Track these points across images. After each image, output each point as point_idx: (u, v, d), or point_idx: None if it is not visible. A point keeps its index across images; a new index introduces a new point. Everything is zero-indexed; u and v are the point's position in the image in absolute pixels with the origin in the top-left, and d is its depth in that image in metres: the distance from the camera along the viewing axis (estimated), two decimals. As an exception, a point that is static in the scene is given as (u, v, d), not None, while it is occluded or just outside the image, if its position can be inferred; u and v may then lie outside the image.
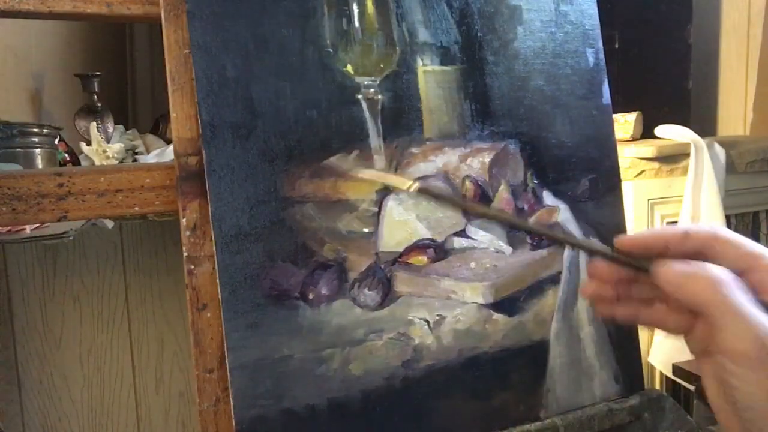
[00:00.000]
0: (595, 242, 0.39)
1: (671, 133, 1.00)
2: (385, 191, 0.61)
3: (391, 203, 0.61)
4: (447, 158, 0.64)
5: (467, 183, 0.65)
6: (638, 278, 0.38)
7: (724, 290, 0.32)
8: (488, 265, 0.65)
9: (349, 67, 0.60)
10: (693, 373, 0.82)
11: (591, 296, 0.39)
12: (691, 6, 1.22)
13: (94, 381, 0.98)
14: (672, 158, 0.97)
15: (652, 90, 1.17)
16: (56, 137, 1.04)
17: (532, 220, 0.68)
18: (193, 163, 0.56)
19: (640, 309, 0.38)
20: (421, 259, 0.62)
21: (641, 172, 0.95)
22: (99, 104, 1.23)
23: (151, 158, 1.10)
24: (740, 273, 0.34)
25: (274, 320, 0.56)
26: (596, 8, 0.74)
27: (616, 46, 1.09)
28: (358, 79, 0.61)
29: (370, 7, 0.62)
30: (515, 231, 0.67)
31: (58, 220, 0.55)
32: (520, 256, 0.66)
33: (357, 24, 0.61)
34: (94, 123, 1.13)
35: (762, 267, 0.33)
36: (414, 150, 0.63)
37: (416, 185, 0.40)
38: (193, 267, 0.55)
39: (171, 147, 0.83)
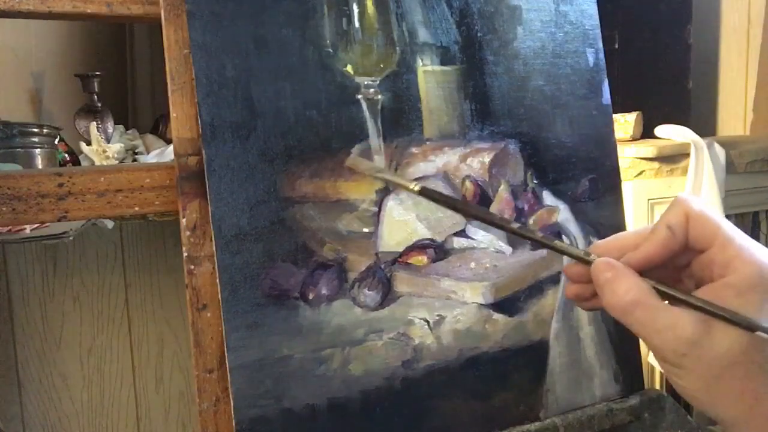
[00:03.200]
0: (572, 248, 0.41)
1: (671, 133, 1.00)
2: (385, 191, 0.62)
3: (391, 203, 0.61)
4: (447, 158, 0.65)
5: (467, 183, 0.65)
6: None
7: (634, 310, 0.36)
8: (488, 265, 0.65)
9: (349, 67, 0.60)
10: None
11: (572, 297, 0.42)
12: (691, 6, 1.22)
13: (94, 381, 0.98)
14: (672, 158, 0.97)
15: (652, 90, 1.17)
16: (56, 137, 1.04)
17: (532, 220, 0.68)
18: (193, 163, 0.56)
19: None
20: (421, 259, 0.62)
21: (641, 172, 0.95)
22: (99, 104, 1.23)
23: (151, 158, 1.10)
24: (702, 249, 0.37)
25: (274, 320, 0.56)
26: (596, 8, 0.74)
27: (616, 46, 1.09)
28: (358, 79, 0.61)
29: (370, 7, 0.62)
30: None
31: (58, 220, 0.55)
32: (520, 256, 0.66)
33: (357, 24, 0.61)
34: (94, 123, 1.14)
35: (718, 245, 0.36)
36: (414, 150, 0.63)
37: (418, 186, 0.40)
38: (193, 267, 0.55)
39: (171, 147, 0.83)
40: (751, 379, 0.34)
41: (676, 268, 0.39)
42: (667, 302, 0.36)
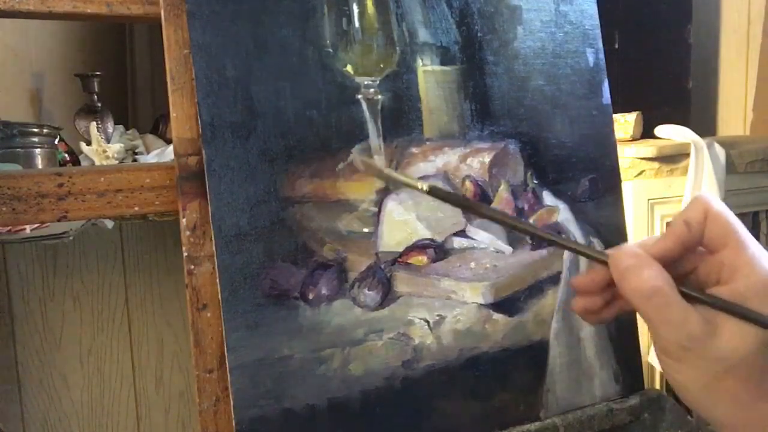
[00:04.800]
0: (588, 247, 0.41)
1: (671, 133, 1.00)
2: (386, 191, 0.62)
3: (391, 203, 0.61)
4: (447, 158, 0.65)
5: (467, 183, 0.65)
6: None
7: (653, 296, 0.36)
8: (488, 265, 0.65)
9: (349, 67, 0.60)
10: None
11: (580, 311, 0.42)
12: (691, 6, 1.22)
13: (94, 381, 0.98)
14: (672, 158, 0.97)
15: (652, 90, 1.17)
16: (56, 137, 1.04)
17: (532, 219, 0.68)
18: (193, 163, 0.56)
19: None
20: (421, 259, 0.62)
21: (641, 172, 0.95)
22: (99, 104, 1.23)
23: (151, 158, 1.10)
24: (715, 250, 0.37)
25: (274, 320, 0.56)
26: (596, 8, 0.74)
27: (616, 46, 1.09)
28: (358, 79, 0.61)
29: (370, 7, 0.62)
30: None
31: (58, 220, 0.55)
32: (520, 256, 0.66)
33: (357, 24, 0.61)
34: (94, 123, 1.14)
35: (731, 248, 0.36)
36: (414, 150, 0.63)
37: (426, 186, 0.41)
38: (193, 267, 0.55)
39: (171, 147, 0.83)
40: (750, 383, 0.34)
41: (680, 275, 0.39)
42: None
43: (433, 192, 0.42)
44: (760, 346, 0.34)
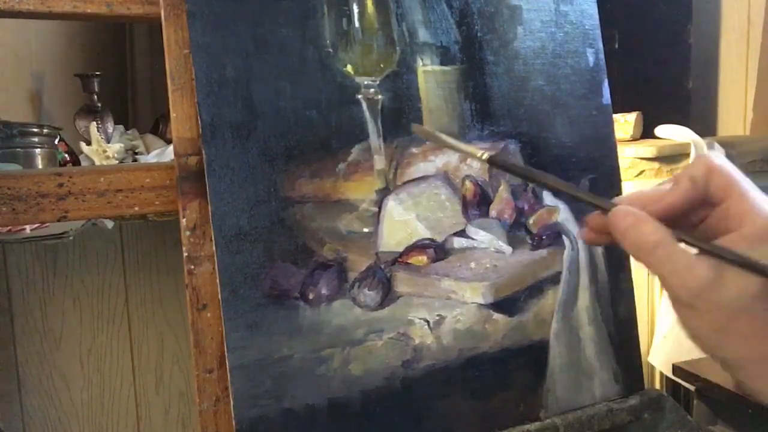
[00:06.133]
0: (597, 198, 0.43)
1: (671, 133, 1.00)
2: (386, 191, 0.62)
3: (391, 203, 0.61)
4: (447, 158, 0.64)
5: (467, 183, 0.65)
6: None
7: (655, 249, 0.38)
8: (488, 265, 0.65)
9: (349, 67, 0.60)
10: (693, 373, 0.82)
11: (586, 240, 0.45)
12: (691, 6, 1.22)
13: (94, 381, 0.98)
14: (672, 158, 0.97)
15: (652, 90, 1.17)
16: (56, 137, 1.04)
17: (532, 219, 0.68)
18: (193, 163, 0.56)
19: None
20: (421, 259, 0.62)
21: (641, 172, 0.95)
22: (99, 104, 1.23)
23: (151, 158, 1.10)
24: (719, 201, 0.39)
25: (274, 320, 0.56)
26: (596, 8, 0.74)
27: (616, 46, 1.09)
28: (358, 79, 0.61)
29: (370, 7, 0.62)
30: (515, 231, 0.67)
31: (58, 220, 0.55)
32: (520, 256, 0.66)
33: (357, 24, 0.61)
34: (94, 123, 1.14)
35: (735, 197, 0.38)
36: (414, 150, 0.63)
37: (486, 155, 0.43)
38: (193, 267, 0.55)
39: (171, 147, 0.83)
40: (760, 323, 0.36)
41: (690, 226, 0.41)
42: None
43: (492, 161, 0.43)
44: (762, 290, 0.36)
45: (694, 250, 0.38)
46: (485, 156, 0.43)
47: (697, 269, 0.36)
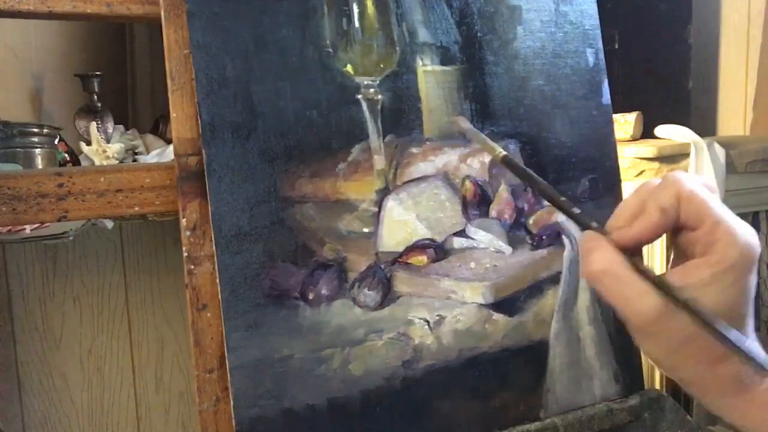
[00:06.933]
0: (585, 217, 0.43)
1: (671, 133, 1.00)
2: (386, 191, 0.62)
3: (391, 203, 0.61)
4: (447, 158, 0.64)
5: (467, 183, 0.65)
6: None
7: (603, 278, 0.39)
8: (488, 265, 0.65)
9: (349, 67, 0.60)
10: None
11: None
12: (691, 6, 1.22)
13: (94, 381, 0.98)
14: (672, 158, 0.97)
15: (652, 90, 1.17)
16: (56, 137, 1.04)
17: (531, 219, 0.68)
18: (193, 163, 0.56)
19: None
20: (421, 259, 0.62)
21: (641, 172, 0.95)
22: (99, 104, 1.23)
23: (151, 158, 1.10)
24: (693, 228, 0.39)
25: (274, 320, 0.56)
26: (596, 8, 0.74)
27: (616, 46, 1.09)
28: (358, 79, 0.61)
29: (370, 7, 0.62)
30: (515, 231, 0.67)
31: (58, 220, 0.55)
32: (520, 256, 0.66)
33: (357, 24, 0.61)
34: (94, 123, 1.13)
35: (707, 226, 0.38)
36: (414, 150, 0.63)
37: (503, 153, 0.44)
38: (193, 267, 0.55)
39: (171, 147, 0.83)
40: (709, 349, 0.37)
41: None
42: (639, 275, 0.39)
43: (504, 161, 0.44)
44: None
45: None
46: (501, 154, 0.44)
47: (648, 298, 0.37)
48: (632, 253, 0.40)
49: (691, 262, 0.38)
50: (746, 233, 0.38)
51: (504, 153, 0.44)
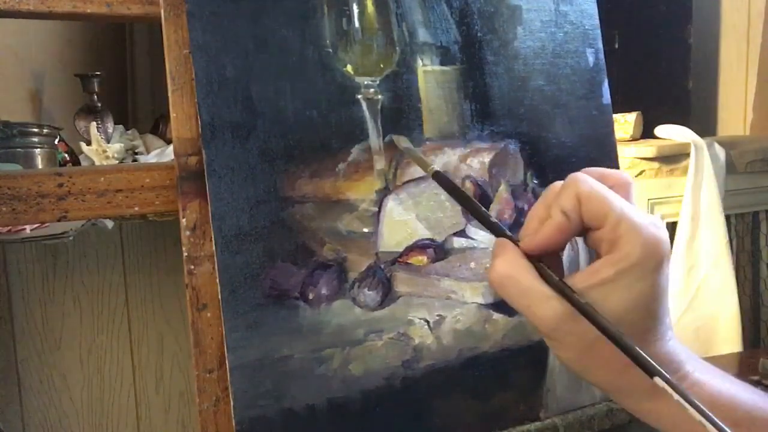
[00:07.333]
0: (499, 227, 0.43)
1: (671, 133, 1.00)
2: (386, 191, 0.62)
3: (391, 203, 0.61)
4: (447, 158, 0.64)
5: (467, 183, 0.65)
6: None
7: (503, 284, 0.39)
8: (488, 265, 0.65)
9: (349, 67, 0.60)
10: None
11: None
12: (691, 6, 1.22)
13: (94, 381, 0.98)
14: (672, 158, 0.97)
15: (652, 90, 1.17)
16: (56, 137, 1.04)
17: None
18: (193, 163, 0.56)
19: None
20: (421, 259, 0.62)
21: (641, 172, 0.95)
22: (99, 104, 1.23)
23: (151, 158, 1.10)
24: (597, 227, 0.38)
25: (274, 320, 0.56)
26: (596, 8, 0.74)
27: (616, 46, 1.09)
28: (358, 79, 0.61)
29: (370, 7, 0.62)
30: (515, 231, 0.67)
31: (58, 220, 0.55)
32: (520, 256, 0.66)
33: (357, 24, 0.61)
34: (94, 123, 1.14)
35: (609, 225, 0.37)
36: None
37: (436, 169, 0.44)
38: (193, 267, 0.55)
39: (171, 147, 0.84)
40: (617, 354, 0.36)
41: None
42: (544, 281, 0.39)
43: (435, 177, 0.44)
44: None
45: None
46: (432, 171, 0.44)
47: (550, 303, 0.37)
48: (541, 259, 0.39)
49: (596, 261, 0.38)
50: (651, 228, 0.37)
51: (437, 169, 0.45)
